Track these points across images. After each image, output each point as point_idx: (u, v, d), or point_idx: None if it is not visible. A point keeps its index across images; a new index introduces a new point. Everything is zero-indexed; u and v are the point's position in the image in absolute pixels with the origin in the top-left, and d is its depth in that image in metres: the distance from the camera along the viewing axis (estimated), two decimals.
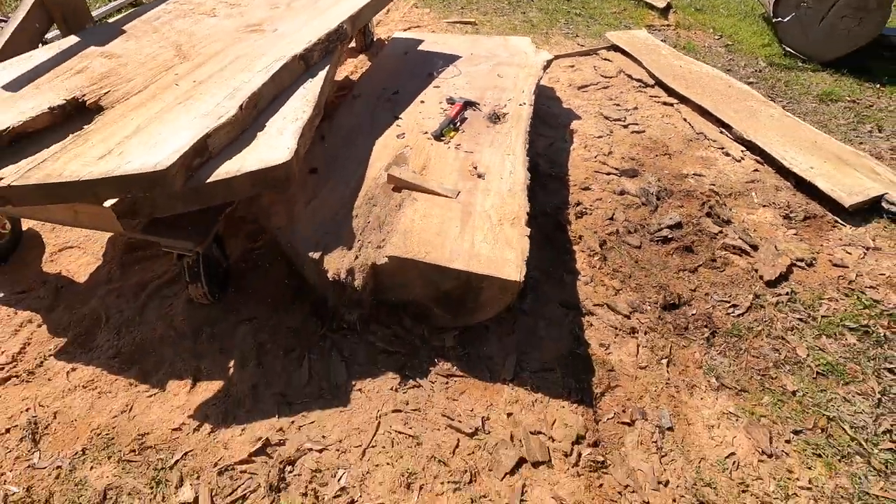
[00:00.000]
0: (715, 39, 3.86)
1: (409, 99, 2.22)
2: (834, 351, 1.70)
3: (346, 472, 1.34)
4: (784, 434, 1.47)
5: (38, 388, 1.49)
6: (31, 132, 1.41)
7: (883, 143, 2.72)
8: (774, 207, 2.23)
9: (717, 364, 1.65)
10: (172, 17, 1.99)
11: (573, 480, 1.35)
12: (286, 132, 1.48)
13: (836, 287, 1.90)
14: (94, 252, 1.89)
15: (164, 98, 1.50)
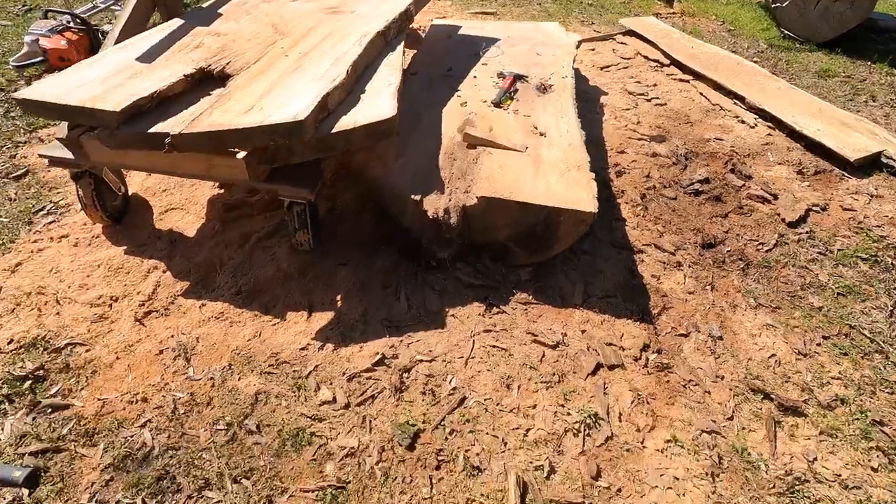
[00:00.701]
0: (718, 25, 4.17)
1: (462, 75, 2.47)
2: (850, 276, 1.98)
3: (454, 376, 1.59)
4: (815, 339, 1.75)
5: (177, 320, 1.71)
6: (170, 96, 1.63)
7: (878, 111, 3.03)
8: (788, 164, 2.52)
9: (753, 288, 1.92)
10: (259, 1, 2.22)
11: (645, 378, 1.61)
12: (384, 94, 1.72)
13: (848, 227, 2.19)
14: (196, 212, 2.11)
15: (279, 66, 1.74)
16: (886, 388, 1.61)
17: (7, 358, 1.56)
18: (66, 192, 2.20)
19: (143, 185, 2.22)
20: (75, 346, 1.61)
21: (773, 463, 1.42)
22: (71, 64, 2.94)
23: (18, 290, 1.76)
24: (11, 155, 2.39)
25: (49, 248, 1.93)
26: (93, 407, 1.46)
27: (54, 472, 1.32)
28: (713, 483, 1.37)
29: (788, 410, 1.54)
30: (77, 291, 1.77)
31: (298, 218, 1.82)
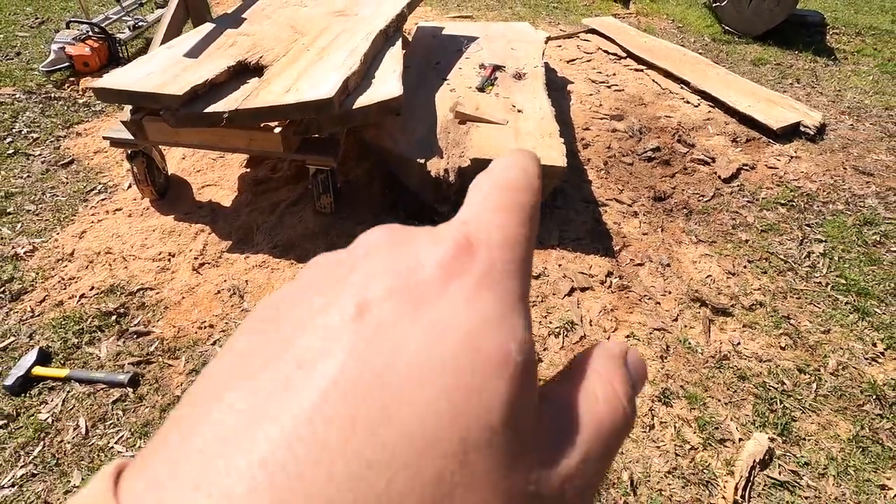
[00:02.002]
0: (669, 23, 4.70)
1: (449, 67, 2.88)
2: (771, 217, 2.45)
3: None
4: (742, 263, 2.20)
5: (227, 269, 2.06)
6: (217, 83, 2.00)
7: (800, 91, 3.56)
8: (725, 135, 3.00)
9: (694, 229, 2.37)
10: (275, 7, 2.60)
11: (609, 295, 2.03)
12: (390, 78, 2.12)
13: (771, 181, 2.67)
14: (230, 187, 2.46)
15: (304, 58, 2.12)
16: (795, 295, 2.07)
17: (91, 300, 1.89)
18: (112, 175, 2.53)
19: (179, 167, 2.56)
20: (146, 291, 1.95)
21: (707, 348, 1.85)
22: (92, 69, 3.27)
23: (89, 251, 2.09)
24: (56, 147, 2.70)
25: (107, 219, 2.26)
26: (170, 332, 1.80)
27: (149, 377, 1.66)
28: (663, 363, 1.79)
29: (719, 312, 1.98)
30: (139, 250, 2.10)
31: (322, 184, 2.19)
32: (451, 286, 0.15)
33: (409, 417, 0.12)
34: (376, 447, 0.12)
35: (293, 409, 0.12)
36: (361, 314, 0.14)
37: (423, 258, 0.15)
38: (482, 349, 0.14)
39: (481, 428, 0.13)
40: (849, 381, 1.75)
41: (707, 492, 1.46)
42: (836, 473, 1.50)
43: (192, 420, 0.13)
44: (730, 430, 1.60)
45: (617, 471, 1.49)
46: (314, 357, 0.13)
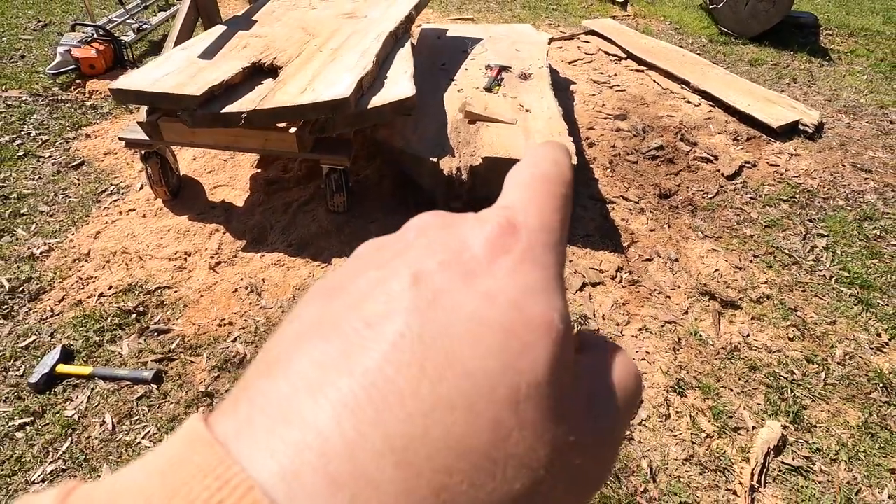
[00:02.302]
0: (666, 24, 4.77)
1: (455, 68, 2.92)
2: (774, 213, 2.51)
3: None
4: (748, 257, 2.25)
5: (243, 267, 2.08)
6: (232, 84, 2.02)
7: (797, 91, 3.63)
8: (726, 133, 3.06)
9: (700, 225, 2.42)
10: (284, 9, 2.62)
11: (620, 290, 2.08)
12: (402, 79, 2.15)
13: (773, 178, 2.73)
14: (241, 188, 2.49)
15: (317, 59, 2.15)
16: (800, 288, 2.12)
17: (110, 299, 1.90)
18: (123, 177, 2.54)
19: (190, 168, 2.58)
20: (164, 289, 1.96)
21: (717, 340, 1.90)
22: (98, 71, 3.28)
23: (105, 251, 2.10)
24: (66, 149, 2.70)
25: (121, 219, 2.27)
26: (191, 330, 1.82)
27: (172, 374, 1.68)
28: (675, 354, 1.84)
29: (728, 305, 2.02)
30: (155, 250, 2.12)
31: (336, 183, 2.22)
32: (497, 261, 0.16)
33: (469, 367, 0.14)
34: (442, 391, 0.14)
35: (366, 360, 0.14)
36: (418, 283, 0.16)
37: (470, 237, 0.17)
38: (528, 314, 0.15)
39: (529, 382, 0.14)
40: (856, 371, 1.80)
41: (724, 478, 1.49)
42: (847, 459, 1.54)
43: (274, 372, 0.15)
44: (743, 419, 1.64)
45: (636, 459, 1.53)
46: (380, 318, 0.15)
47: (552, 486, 0.14)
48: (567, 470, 0.15)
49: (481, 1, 5.15)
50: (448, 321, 0.15)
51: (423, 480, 0.13)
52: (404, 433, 0.13)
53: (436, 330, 0.15)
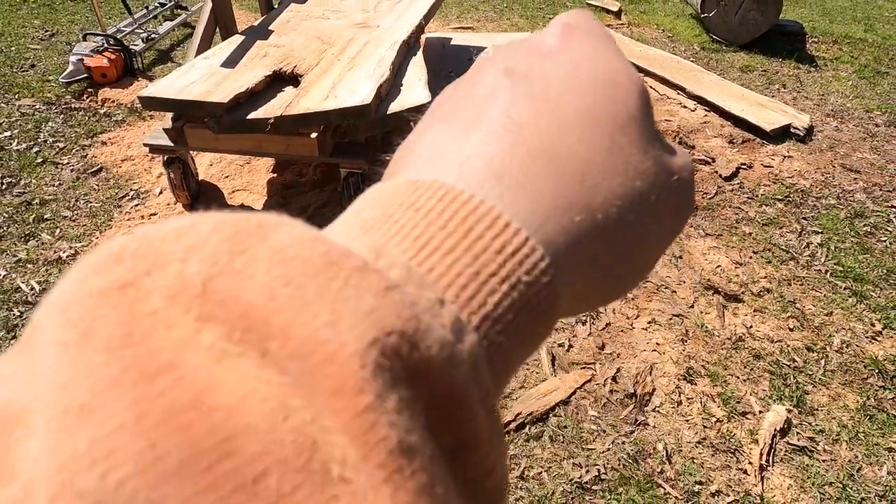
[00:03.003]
0: (660, 33, 4.93)
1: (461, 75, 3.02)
2: (770, 212, 2.63)
3: None
4: (748, 254, 2.36)
5: None
6: (255, 92, 2.10)
7: (787, 96, 3.79)
8: (722, 137, 3.19)
9: (702, 224, 2.53)
10: (299, 20, 2.71)
11: None
12: (417, 85, 2.25)
13: (768, 178, 2.86)
14: (258, 192, 2.56)
15: (336, 67, 2.24)
16: (798, 281, 2.24)
17: None
18: (142, 182, 2.60)
19: (207, 173, 2.64)
20: None
21: (722, 331, 2.00)
22: (110, 80, 3.34)
23: None
24: (83, 155, 2.76)
25: (143, 224, 2.33)
26: None
27: None
28: (683, 345, 1.93)
29: (731, 298, 2.13)
30: None
31: (354, 186, 2.30)
32: (571, 43, 0.19)
33: (576, 105, 0.17)
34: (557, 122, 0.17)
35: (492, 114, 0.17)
36: (509, 71, 0.19)
37: (542, 38, 0.20)
38: (614, 69, 0.18)
39: (629, 112, 0.18)
40: (852, 358, 1.91)
41: (735, 458, 1.59)
42: (847, 439, 1.65)
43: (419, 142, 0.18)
44: (750, 404, 1.74)
45: (652, 442, 1.61)
46: (489, 96, 0.18)
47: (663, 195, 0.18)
48: (669, 186, 0.18)
49: (480, 10, 5.28)
50: (547, 83, 0.18)
51: (568, 169, 0.16)
52: (545, 142, 0.16)
53: (540, 89, 0.18)
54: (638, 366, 1.85)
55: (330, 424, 0.10)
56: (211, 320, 0.11)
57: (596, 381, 1.80)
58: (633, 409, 1.71)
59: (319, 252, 0.12)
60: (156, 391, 0.10)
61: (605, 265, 0.17)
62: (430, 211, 0.15)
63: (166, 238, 0.12)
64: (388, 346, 0.11)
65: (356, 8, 2.93)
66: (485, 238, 0.14)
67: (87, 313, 0.11)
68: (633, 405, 1.73)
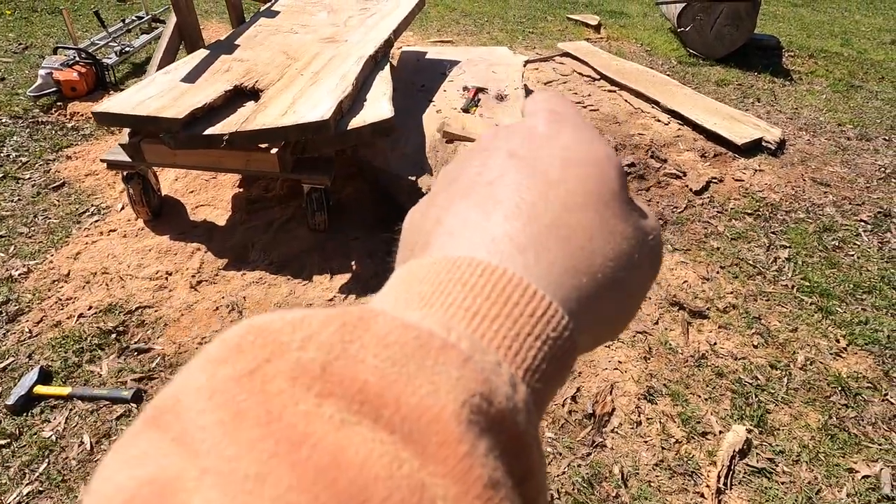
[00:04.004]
0: (638, 47, 4.98)
1: (434, 89, 3.02)
2: (739, 226, 2.62)
3: None
4: (715, 269, 2.35)
5: (224, 286, 2.11)
6: (214, 107, 2.08)
7: (761, 109, 3.82)
8: (694, 151, 3.20)
9: (670, 238, 2.52)
10: (267, 34, 2.70)
11: None
12: (382, 100, 2.23)
13: (738, 192, 2.86)
14: (223, 207, 2.52)
15: (298, 82, 2.22)
16: (764, 297, 2.22)
17: (90, 319, 1.91)
18: (104, 197, 2.56)
19: (172, 188, 2.60)
20: (145, 309, 1.98)
21: (686, 348, 1.97)
22: (80, 93, 3.31)
23: (85, 271, 2.11)
24: (46, 170, 2.71)
25: (101, 240, 2.29)
26: (171, 348, 1.84)
27: (152, 393, 1.69)
28: (646, 363, 1.91)
29: (696, 315, 2.11)
30: (136, 269, 2.14)
31: (317, 202, 2.27)
32: (560, 130, 0.24)
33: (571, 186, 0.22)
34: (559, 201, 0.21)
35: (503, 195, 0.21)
36: (512, 154, 0.23)
37: (532, 125, 0.24)
38: (598, 153, 0.23)
39: (609, 192, 0.22)
40: (816, 375, 1.89)
41: (692, 481, 1.55)
42: (808, 459, 1.62)
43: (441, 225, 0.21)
44: (710, 424, 1.71)
45: (608, 465, 1.58)
46: (497, 176, 0.22)
47: (641, 253, 0.22)
48: (645, 244, 0.22)
49: (460, 24, 5.31)
50: (546, 166, 0.22)
51: (572, 241, 0.20)
52: (553, 218, 0.21)
53: (539, 172, 0.22)
54: (599, 385, 1.82)
55: (434, 469, 0.13)
56: (330, 396, 0.14)
57: (555, 401, 1.76)
58: (591, 430, 1.68)
59: (412, 336, 0.16)
60: (304, 457, 0.13)
61: (607, 313, 0.21)
62: (475, 285, 0.18)
63: (282, 331, 0.15)
64: (474, 405, 0.15)
65: (326, 22, 2.92)
66: (520, 305, 0.18)
67: (231, 397, 0.14)
68: (591, 426, 1.69)
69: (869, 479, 1.57)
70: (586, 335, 0.20)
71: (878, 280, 2.32)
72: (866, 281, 2.31)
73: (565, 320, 0.18)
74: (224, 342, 0.15)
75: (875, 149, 3.37)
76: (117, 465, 0.14)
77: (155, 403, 0.15)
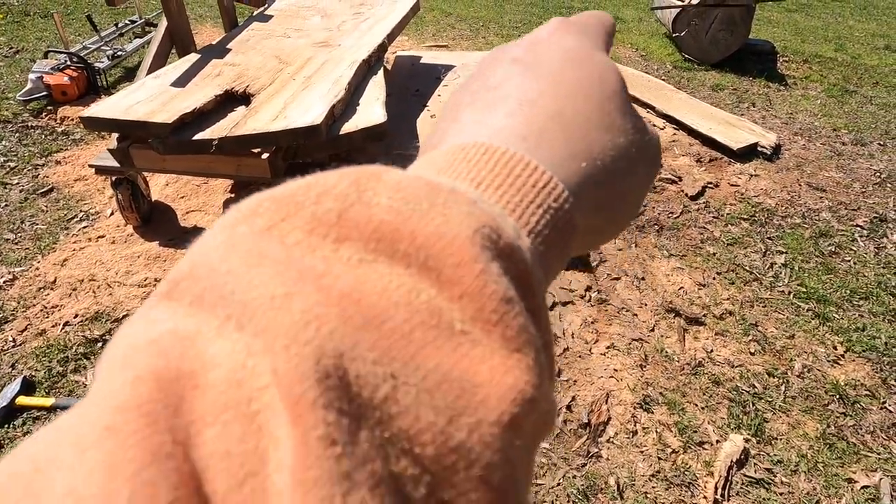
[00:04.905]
0: (633, 51, 4.98)
1: (428, 94, 3.00)
2: (735, 231, 2.61)
3: None
4: (711, 275, 2.33)
5: None
6: (204, 111, 2.05)
7: (756, 114, 3.81)
8: (689, 156, 3.18)
9: (666, 244, 2.50)
10: (259, 38, 2.68)
11: (589, 309, 2.12)
12: (375, 105, 2.21)
13: (734, 197, 2.85)
14: (214, 213, 2.49)
15: (290, 87, 2.19)
16: (761, 303, 2.20)
17: (76, 328, 1.87)
18: (93, 203, 2.52)
19: (162, 193, 2.57)
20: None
21: (682, 356, 1.95)
22: (71, 98, 3.28)
23: (72, 279, 2.07)
24: (34, 175, 2.68)
25: (89, 246, 2.25)
26: None
27: None
28: (642, 371, 1.88)
29: (693, 321, 2.09)
30: (124, 276, 2.10)
31: None
32: (564, 35, 0.24)
33: (571, 81, 0.22)
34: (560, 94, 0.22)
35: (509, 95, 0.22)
36: (516, 61, 0.23)
37: (538, 32, 0.25)
38: (598, 55, 0.24)
39: (610, 89, 0.23)
40: (814, 383, 1.87)
41: (689, 492, 1.52)
42: (806, 469, 1.59)
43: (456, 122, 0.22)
44: (707, 433, 1.68)
45: (603, 476, 1.55)
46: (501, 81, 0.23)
47: (640, 150, 0.23)
48: (643, 143, 0.23)
49: (456, 29, 5.31)
50: (547, 64, 0.23)
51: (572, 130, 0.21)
52: (553, 110, 0.21)
53: (541, 69, 0.23)
54: (594, 393, 1.79)
55: (450, 293, 0.15)
56: (347, 240, 0.15)
57: None
58: (587, 440, 1.65)
59: (423, 182, 0.17)
60: (327, 284, 0.14)
61: (605, 203, 0.22)
62: (479, 161, 0.19)
63: (297, 192, 0.16)
64: (485, 234, 0.16)
65: (319, 27, 2.90)
66: (522, 176, 0.19)
67: (252, 245, 0.14)
68: (586, 436, 1.66)
69: (868, 489, 1.55)
70: (585, 221, 0.21)
71: (874, 286, 2.30)
72: (863, 287, 2.30)
73: (565, 194, 0.19)
74: (238, 209, 0.16)
75: (870, 153, 3.37)
76: (133, 327, 0.14)
77: (168, 277, 0.15)
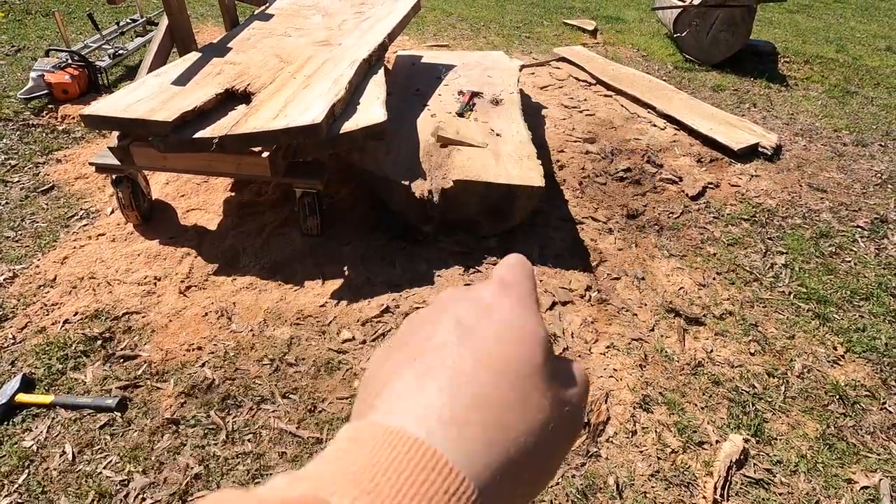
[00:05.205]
0: (634, 52, 4.98)
1: (429, 93, 3.00)
2: (736, 232, 2.60)
3: None
4: (711, 275, 2.33)
5: (214, 291, 2.07)
6: (205, 110, 2.05)
7: (757, 115, 3.81)
8: (690, 156, 3.18)
9: (666, 244, 2.50)
10: (260, 37, 2.67)
11: (589, 308, 2.12)
12: (375, 104, 2.20)
13: (734, 198, 2.84)
14: (215, 211, 2.49)
15: (291, 86, 2.19)
16: (761, 304, 2.20)
17: (76, 325, 1.87)
18: (94, 201, 2.52)
19: (162, 192, 2.57)
20: (132, 315, 1.94)
21: (682, 356, 1.95)
22: (72, 96, 3.28)
23: (72, 276, 2.07)
24: (35, 173, 2.68)
25: (90, 245, 2.25)
26: (158, 356, 1.80)
27: (137, 401, 1.65)
28: (641, 371, 1.88)
29: (692, 322, 2.08)
30: (124, 274, 2.10)
31: (309, 206, 2.24)
32: (502, 302, 0.27)
33: (501, 361, 0.25)
34: (491, 373, 0.24)
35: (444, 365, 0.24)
36: (459, 323, 0.26)
37: (483, 293, 0.28)
38: (528, 329, 0.26)
39: (533, 364, 0.25)
40: (814, 383, 1.86)
41: (689, 492, 1.52)
42: (806, 470, 1.59)
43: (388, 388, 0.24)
44: (707, 433, 1.68)
45: (603, 476, 1.54)
46: (441, 345, 0.25)
47: (557, 423, 0.24)
48: (562, 416, 0.25)
49: (456, 28, 5.30)
50: (482, 338, 0.25)
51: (491, 415, 0.23)
52: (474, 393, 0.23)
53: (476, 343, 0.25)
54: (594, 393, 1.79)
55: None
56: None
57: None
58: (586, 439, 1.65)
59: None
60: None
61: (519, 480, 0.23)
62: (401, 462, 0.20)
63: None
64: None
65: (320, 26, 2.90)
66: (436, 483, 0.20)
67: None
68: (585, 435, 1.66)
69: (868, 489, 1.55)
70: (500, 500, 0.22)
71: (875, 286, 2.30)
72: (863, 287, 2.29)
73: (475, 495, 0.21)
74: None
75: (871, 154, 3.37)
76: None
77: None
